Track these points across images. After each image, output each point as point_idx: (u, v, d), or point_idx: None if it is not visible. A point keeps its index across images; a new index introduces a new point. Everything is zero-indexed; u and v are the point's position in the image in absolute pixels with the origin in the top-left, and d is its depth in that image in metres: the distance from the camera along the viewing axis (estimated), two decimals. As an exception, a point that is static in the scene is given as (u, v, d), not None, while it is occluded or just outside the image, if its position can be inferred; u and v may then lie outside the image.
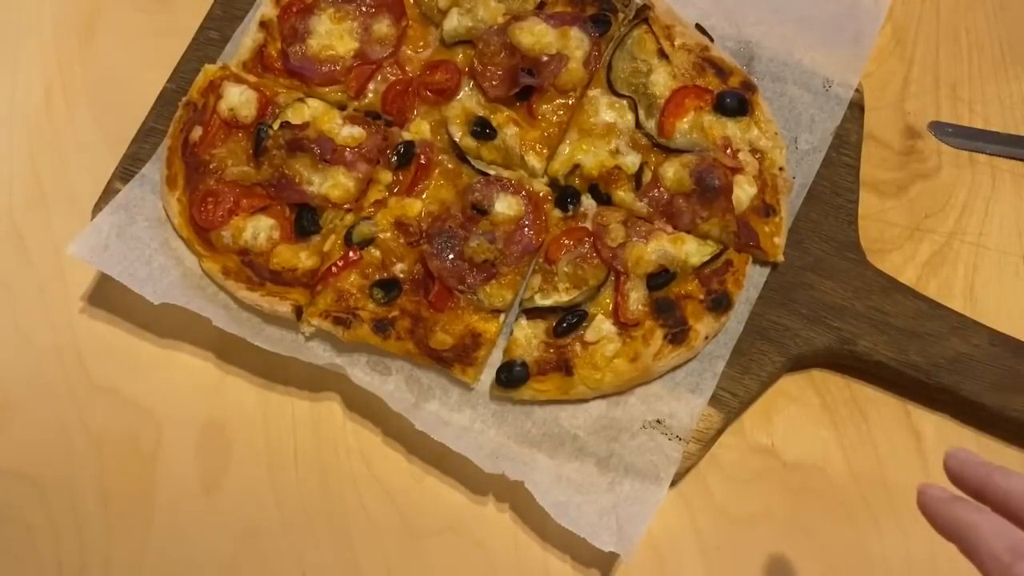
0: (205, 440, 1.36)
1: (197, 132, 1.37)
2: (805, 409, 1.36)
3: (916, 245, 1.43)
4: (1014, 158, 1.47)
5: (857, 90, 1.43)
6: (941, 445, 1.32)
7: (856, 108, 1.42)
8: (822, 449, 1.35)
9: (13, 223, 1.46)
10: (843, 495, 1.32)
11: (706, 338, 1.32)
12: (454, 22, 1.42)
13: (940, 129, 1.48)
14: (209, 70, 1.42)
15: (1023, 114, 1.49)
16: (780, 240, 1.36)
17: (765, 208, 1.36)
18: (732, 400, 1.32)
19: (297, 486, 1.34)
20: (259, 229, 1.34)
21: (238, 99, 1.38)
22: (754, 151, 1.38)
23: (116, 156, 1.43)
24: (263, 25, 1.44)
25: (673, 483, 1.29)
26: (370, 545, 1.31)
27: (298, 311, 1.31)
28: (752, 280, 1.36)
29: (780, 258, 1.36)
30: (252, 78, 1.42)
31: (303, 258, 1.34)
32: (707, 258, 1.33)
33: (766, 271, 1.37)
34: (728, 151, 1.37)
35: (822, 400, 1.37)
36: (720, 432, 1.32)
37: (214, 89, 1.39)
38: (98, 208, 1.38)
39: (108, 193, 1.40)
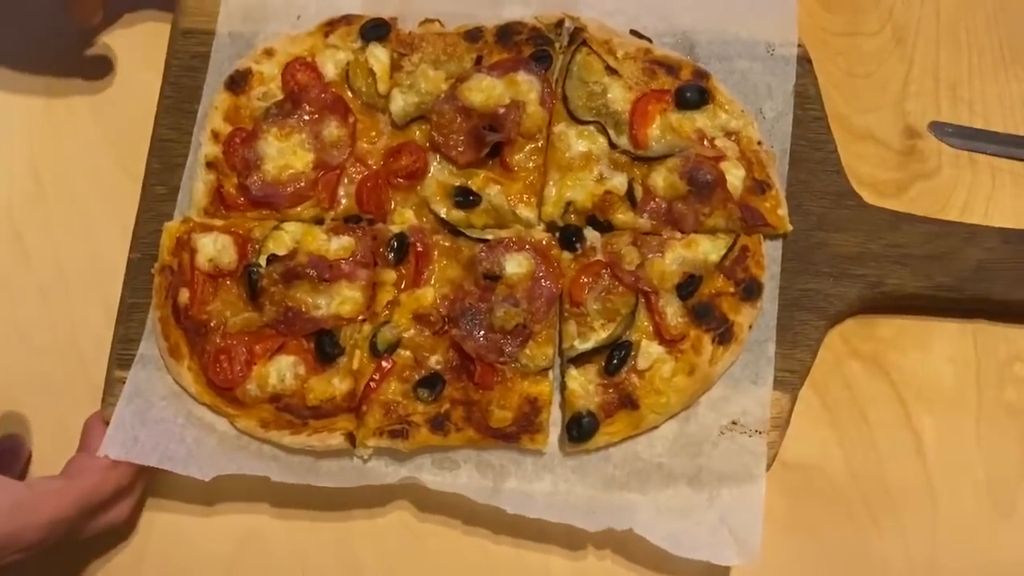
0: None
1: (184, 295, 1.31)
2: (805, 409, 1.37)
3: (916, 245, 1.43)
4: (1014, 158, 1.49)
5: (799, 44, 1.44)
6: (941, 445, 1.36)
7: (804, 62, 1.44)
8: (822, 449, 1.36)
9: (13, 223, 1.45)
10: (843, 495, 1.34)
11: (749, 327, 1.32)
12: (400, 102, 1.39)
13: (940, 129, 1.50)
14: (171, 227, 1.36)
15: (1023, 114, 1.52)
16: (783, 211, 1.37)
17: (759, 185, 1.37)
18: (792, 377, 1.33)
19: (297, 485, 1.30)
20: (283, 370, 1.29)
21: (214, 248, 1.32)
22: (728, 134, 1.39)
23: (115, 155, 1.45)
24: (210, 165, 1.38)
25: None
26: (370, 545, 1.30)
27: (351, 438, 1.26)
28: (770, 257, 1.37)
29: (788, 228, 1.37)
30: (218, 221, 1.36)
31: (337, 384, 1.29)
32: (724, 251, 1.33)
33: (779, 244, 1.38)
34: (705, 142, 1.38)
35: (822, 400, 1.38)
36: (791, 412, 1.32)
37: (184, 245, 1.34)
38: (106, 401, 1.32)
39: (111, 384, 1.33)
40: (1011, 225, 1.41)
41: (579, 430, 1.27)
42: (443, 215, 1.36)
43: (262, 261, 1.31)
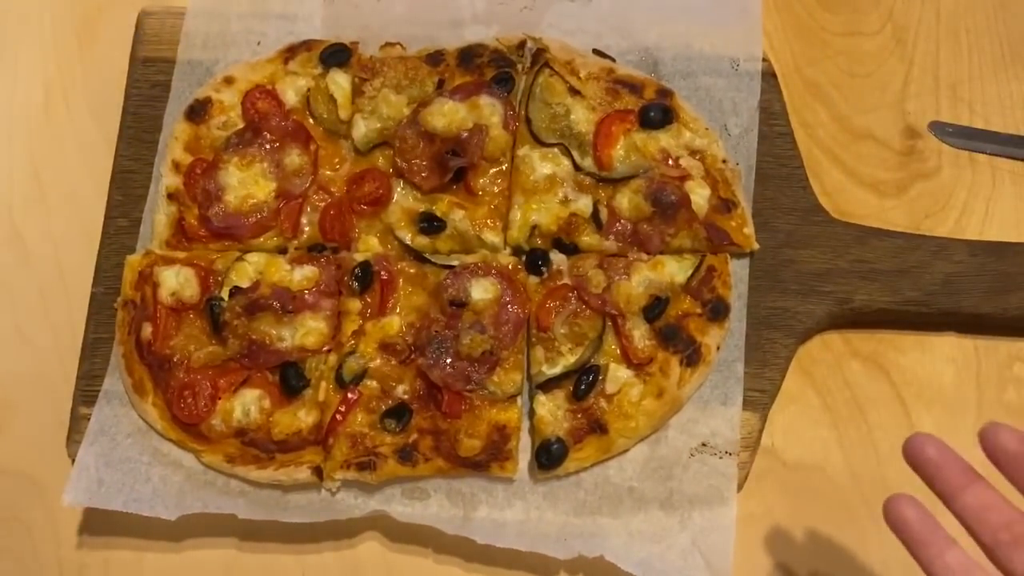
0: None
1: (147, 329, 1.29)
2: (805, 409, 1.37)
3: (917, 245, 1.40)
4: (1014, 158, 1.48)
5: (764, 59, 1.44)
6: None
7: (769, 77, 1.44)
8: (822, 449, 1.35)
9: (13, 223, 1.47)
10: (843, 495, 1.33)
11: (717, 348, 1.31)
12: (362, 128, 1.38)
13: (940, 129, 1.49)
14: (133, 261, 1.34)
15: (1023, 114, 1.51)
16: (749, 229, 1.36)
17: (724, 204, 1.36)
18: (762, 397, 1.32)
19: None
20: (248, 404, 1.27)
21: (176, 281, 1.31)
22: (693, 153, 1.38)
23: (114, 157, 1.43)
24: (172, 196, 1.37)
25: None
26: (370, 546, 1.30)
27: (318, 471, 1.25)
28: (737, 275, 1.36)
29: (755, 246, 1.36)
30: (180, 254, 1.35)
31: (302, 416, 1.28)
32: (690, 272, 1.32)
33: (746, 262, 1.37)
34: (669, 162, 1.37)
35: (822, 400, 1.37)
36: (761, 432, 1.32)
37: (146, 279, 1.32)
38: (71, 440, 1.30)
39: (76, 421, 1.31)
40: (1011, 227, 1.41)
41: (548, 457, 1.26)
42: (408, 242, 1.35)
43: (224, 294, 1.30)
